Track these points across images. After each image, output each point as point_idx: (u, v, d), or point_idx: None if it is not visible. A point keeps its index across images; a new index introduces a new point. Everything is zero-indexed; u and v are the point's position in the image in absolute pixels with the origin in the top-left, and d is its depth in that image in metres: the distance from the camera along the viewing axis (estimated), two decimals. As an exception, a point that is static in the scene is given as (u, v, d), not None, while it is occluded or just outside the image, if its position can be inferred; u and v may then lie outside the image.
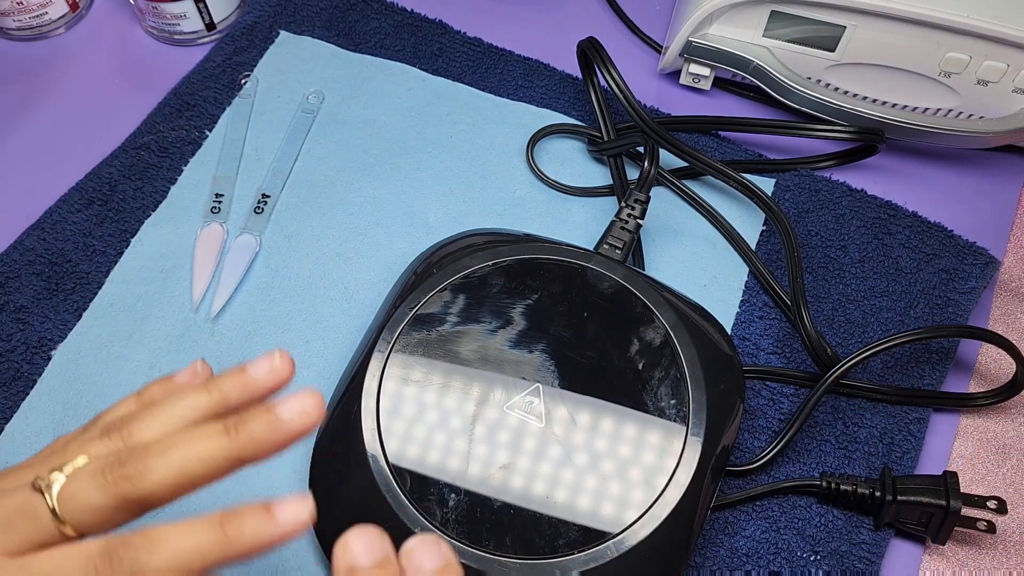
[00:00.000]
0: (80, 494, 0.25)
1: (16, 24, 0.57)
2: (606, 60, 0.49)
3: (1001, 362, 0.47)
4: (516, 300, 0.40)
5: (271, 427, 0.26)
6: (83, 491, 0.25)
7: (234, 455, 0.26)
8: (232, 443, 0.26)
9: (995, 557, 0.41)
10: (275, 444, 0.26)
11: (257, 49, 0.57)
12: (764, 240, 0.50)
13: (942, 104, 0.51)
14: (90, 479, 0.26)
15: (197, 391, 0.28)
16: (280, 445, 0.26)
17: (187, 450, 0.26)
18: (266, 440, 0.26)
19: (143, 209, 0.50)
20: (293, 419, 0.26)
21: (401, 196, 0.51)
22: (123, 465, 0.26)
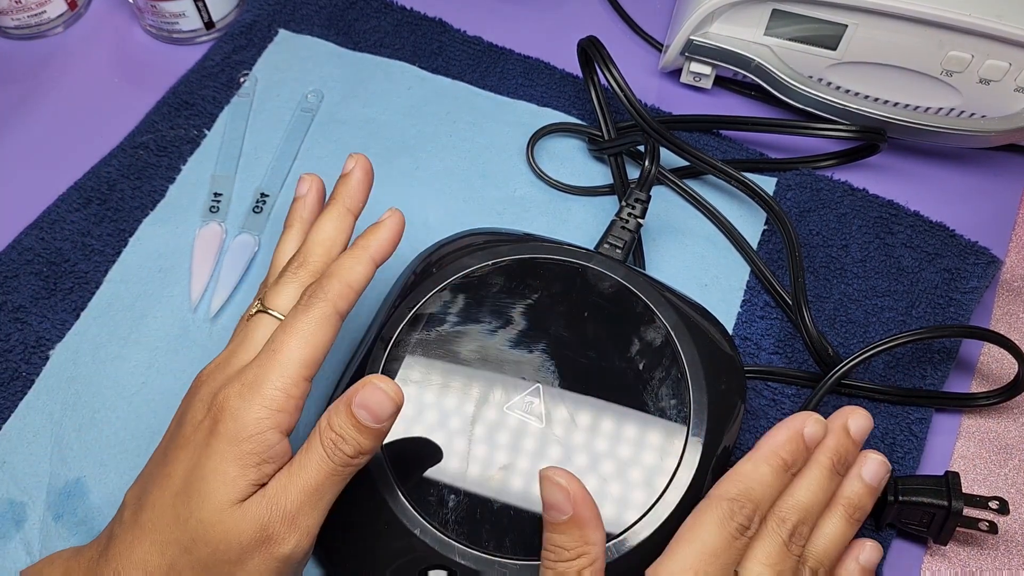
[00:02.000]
0: (278, 297, 0.36)
1: (14, 23, 0.57)
2: (606, 59, 0.49)
3: (1003, 362, 0.47)
4: (516, 300, 0.40)
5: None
6: (279, 294, 0.36)
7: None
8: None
9: (997, 558, 0.41)
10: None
11: (256, 48, 0.56)
12: (765, 240, 0.49)
13: (944, 103, 0.51)
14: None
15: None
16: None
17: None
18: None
19: (141, 208, 0.49)
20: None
21: (400, 195, 0.51)
22: None
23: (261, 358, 0.33)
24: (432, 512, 0.35)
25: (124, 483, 0.41)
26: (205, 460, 0.31)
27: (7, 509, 0.40)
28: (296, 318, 0.33)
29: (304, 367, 0.33)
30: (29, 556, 0.39)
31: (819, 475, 0.35)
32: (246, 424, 0.31)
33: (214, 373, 0.34)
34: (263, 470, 0.31)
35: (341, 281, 0.34)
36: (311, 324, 0.33)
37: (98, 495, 0.40)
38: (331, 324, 0.34)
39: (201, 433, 0.32)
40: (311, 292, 0.34)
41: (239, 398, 0.32)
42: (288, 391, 0.32)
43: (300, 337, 0.33)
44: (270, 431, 0.31)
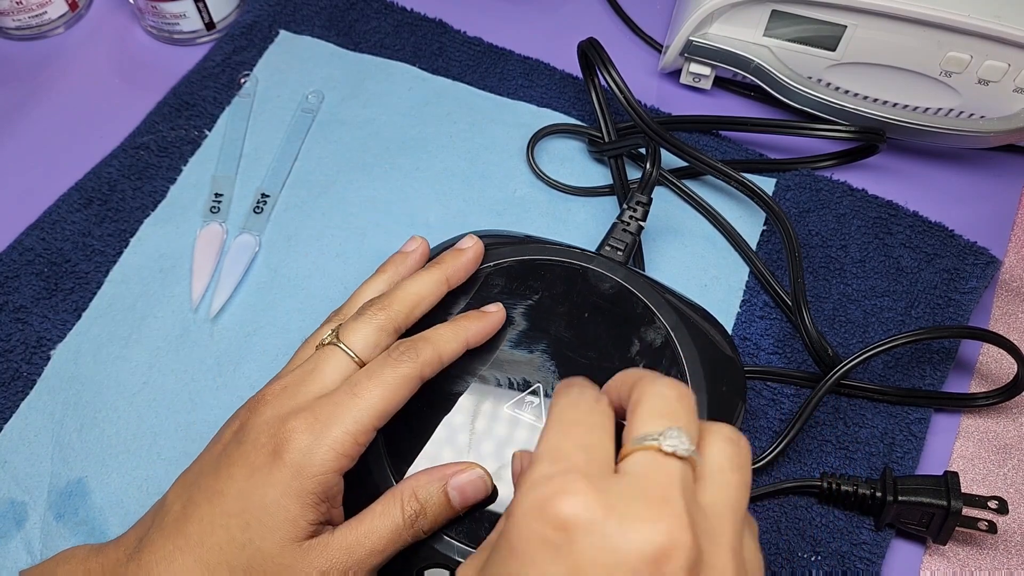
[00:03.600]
0: (354, 334, 0.36)
1: (15, 24, 0.57)
2: (606, 61, 0.49)
3: (1002, 362, 0.47)
4: (517, 301, 0.40)
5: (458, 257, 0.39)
6: (356, 331, 0.36)
7: (443, 278, 0.38)
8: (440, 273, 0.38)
9: (996, 557, 0.41)
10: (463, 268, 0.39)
11: (256, 48, 0.57)
12: (765, 240, 0.50)
13: (943, 104, 0.51)
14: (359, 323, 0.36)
15: None
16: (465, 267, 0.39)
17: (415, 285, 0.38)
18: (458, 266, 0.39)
19: (142, 209, 0.49)
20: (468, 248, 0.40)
21: (401, 196, 0.51)
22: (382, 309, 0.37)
23: (339, 397, 0.33)
24: (433, 512, 0.35)
25: (125, 483, 0.41)
26: (266, 488, 0.31)
27: (8, 509, 0.40)
28: (384, 369, 0.34)
29: (378, 418, 0.33)
30: (30, 556, 0.39)
31: None
32: (312, 463, 0.31)
33: (280, 397, 0.34)
34: (321, 509, 0.32)
35: (436, 350, 0.35)
36: (396, 380, 0.33)
37: (99, 495, 0.41)
38: (412, 386, 0.34)
39: (261, 457, 0.32)
40: (405, 349, 0.34)
41: (309, 433, 0.32)
42: (357, 438, 0.32)
43: (383, 389, 0.33)
44: (333, 473, 0.32)
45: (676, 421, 0.27)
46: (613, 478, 0.26)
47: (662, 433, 0.26)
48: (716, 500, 0.27)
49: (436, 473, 0.33)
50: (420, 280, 0.38)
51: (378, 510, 0.33)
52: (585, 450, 0.27)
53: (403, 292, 0.37)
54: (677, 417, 0.27)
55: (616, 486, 0.25)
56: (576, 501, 0.24)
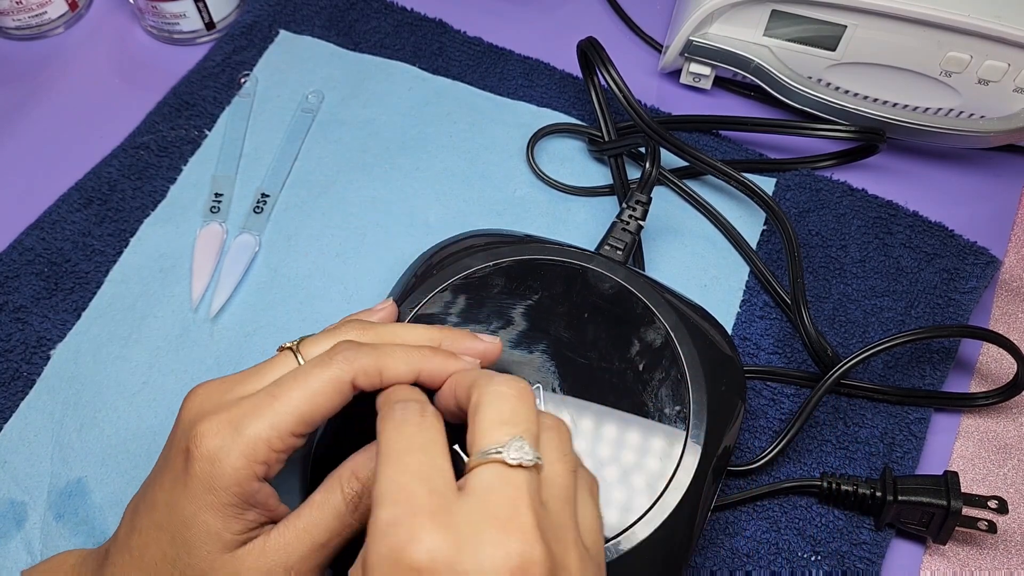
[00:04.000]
0: (315, 345, 0.32)
1: (15, 23, 0.57)
2: (606, 60, 0.49)
3: (1002, 362, 0.47)
4: (516, 301, 0.40)
5: None
6: (318, 342, 0.32)
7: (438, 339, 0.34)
8: None
9: (996, 557, 0.41)
10: None
11: (256, 48, 0.57)
12: (765, 240, 0.50)
13: (943, 104, 0.51)
14: None
15: None
16: None
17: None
18: None
19: (142, 209, 0.49)
20: None
21: (401, 196, 0.51)
22: None
23: (257, 397, 0.30)
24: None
25: (125, 483, 0.41)
26: (184, 502, 0.29)
27: (8, 509, 0.40)
28: (311, 370, 0.30)
29: (297, 424, 0.29)
30: (30, 556, 0.39)
31: None
32: (222, 473, 0.29)
33: (210, 392, 0.31)
34: (247, 518, 0.29)
35: (377, 363, 0.31)
36: (322, 382, 0.30)
37: (99, 495, 0.41)
38: (340, 391, 0.30)
39: (179, 463, 0.30)
40: (341, 349, 0.31)
41: (217, 436, 0.29)
42: (271, 443, 0.29)
43: (305, 391, 0.30)
44: (248, 481, 0.29)
45: (518, 427, 0.27)
46: (459, 503, 0.26)
47: (506, 444, 0.26)
48: (553, 495, 0.27)
49: (376, 448, 0.30)
50: (413, 328, 0.34)
51: (317, 499, 0.30)
52: (423, 480, 0.26)
53: (389, 328, 0.34)
54: (518, 420, 0.27)
55: (463, 511, 0.26)
56: (427, 545, 0.25)
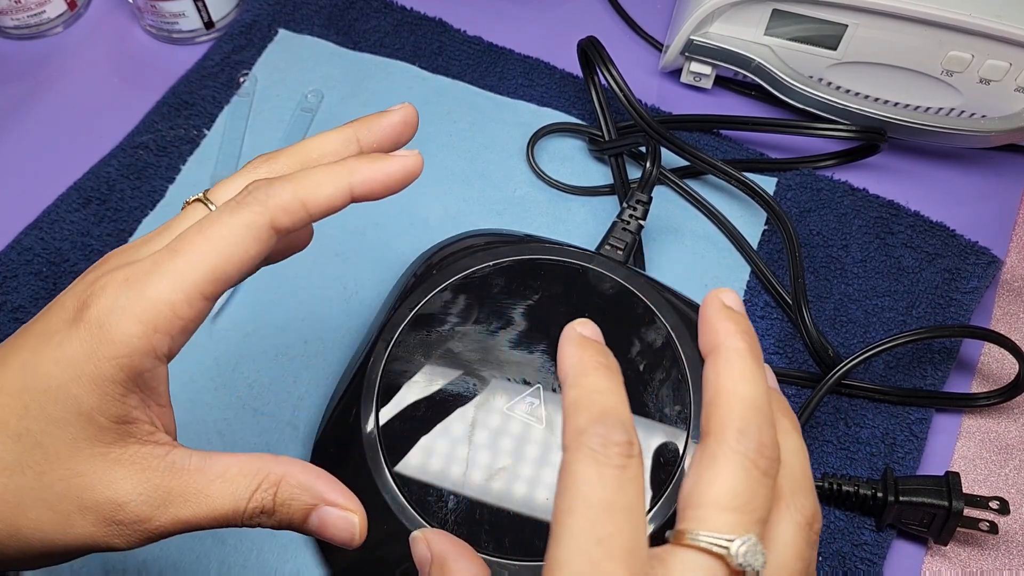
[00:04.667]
0: (224, 188, 0.28)
1: (14, 23, 0.56)
2: (606, 60, 0.49)
3: (1003, 362, 0.47)
4: (517, 301, 0.40)
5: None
6: (227, 185, 0.28)
7: (353, 136, 0.29)
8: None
9: (997, 558, 0.41)
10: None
11: (256, 47, 0.56)
12: (766, 240, 0.49)
13: (944, 103, 0.51)
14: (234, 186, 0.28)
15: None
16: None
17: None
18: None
19: (141, 208, 0.49)
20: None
21: (400, 195, 0.50)
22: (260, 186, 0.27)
23: (159, 254, 0.25)
24: (432, 513, 0.35)
25: (124, 484, 0.41)
26: (51, 366, 0.24)
27: (7, 510, 0.40)
28: (218, 218, 0.26)
29: (207, 281, 0.25)
30: (29, 557, 0.39)
31: (749, 362, 0.24)
32: (111, 338, 0.24)
33: (119, 254, 0.27)
34: (129, 403, 0.25)
35: (296, 192, 0.27)
36: (232, 230, 0.26)
37: (98, 496, 0.40)
38: (258, 238, 0.26)
39: (59, 321, 0.25)
40: (251, 190, 0.26)
41: (114, 294, 0.24)
42: (176, 307, 0.25)
43: (213, 242, 0.25)
44: (142, 354, 0.24)
45: (751, 515, 0.22)
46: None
47: (733, 541, 0.21)
48: None
49: (315, 483, 0.27)
50: (324, 136, 0.30)
51: (232, 472, 0.26)
52: (622, 561, 0.21)
53: (300, 145, 0.29)
54: (754, 508, 0.22)
55: None
56: None
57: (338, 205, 0.28)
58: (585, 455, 0.22)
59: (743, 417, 0.23)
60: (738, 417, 0.23)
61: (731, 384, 0.24)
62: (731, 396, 0.23)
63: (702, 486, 0.22)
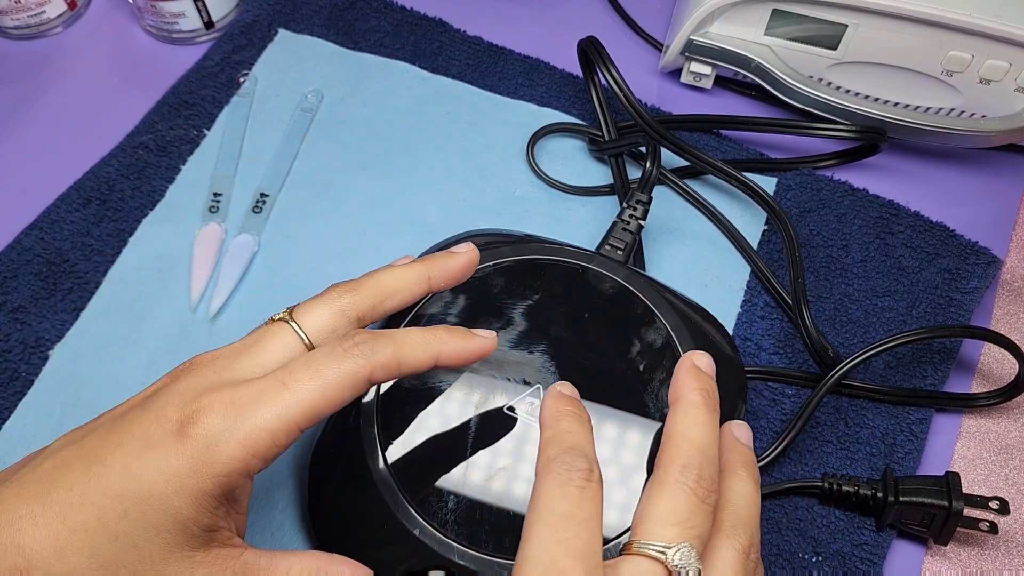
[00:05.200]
0: (309, 313, 0.32)
1: (14, 23, 0.56)
2: (606, 60, 0.49)
3: (1004, 362, 0.46)
4: (517, 301, 0.40)
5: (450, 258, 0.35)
6: (311, 310, 0.32)
7: (425, 275, 0.34)
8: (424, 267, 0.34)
9: (997, 558, 0.41)
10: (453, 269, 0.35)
11: (256, 48, 0.56)
12: (766, 240, 0.49)
13: (944, 103, 0.51)
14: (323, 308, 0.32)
15: None
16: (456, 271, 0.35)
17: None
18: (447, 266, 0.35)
19: (141, 208, 0.49)
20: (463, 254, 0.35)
21: (400, 195, 0.51)
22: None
23: (267, 383, 0.28)
24: (431, 512, 0.35)
25: (124, 484, 0.41)
26: (158, 476, 0.26)
27: (7, 510, 0.40)
28: (327, 361, 0.28)
29: (307, 417, 0.28)
30: (29, 557, 0.39)
31: (702, 412, 0.30)
32: (217, 456, 0.26)
33: (208, 366, 0.29)
34: (218, 514, 0.27)
35: (396, 354, 0.30)
36: (339, 376, 0.28)
37: (98, 496, 0.40)
38: (357, 387, 0.29)
39: (162, 432, 0.27)
40: (360, 341, 0.29)
41: (222, 416, 0.27)
42: (276, 437, 0.27)
43: (320, 384, 0.28)
44: (239, 473, 0.27)
45: (691, 531, 0.26)
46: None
47: (670, 548, 0.26)
48: None
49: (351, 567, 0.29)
50: (398, 270, 0.34)
51: (292, 573, 0.28)
52: (577, 557, 0.25)
53: (375, 279, 0.33)
54: (693, 524, 0.26)
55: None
56: None
57: (424, 369, 0.31)
58: (552, 477, 0.27)
59: (688, 455, 0.28)
60: (685, 455, 0.28)
61: (683, 429, 0.29)
62: (681, 439, 0.29)
63: (649, 507, 0.27)
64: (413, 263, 0.34)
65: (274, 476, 0.41)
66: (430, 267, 0.34)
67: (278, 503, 0.40)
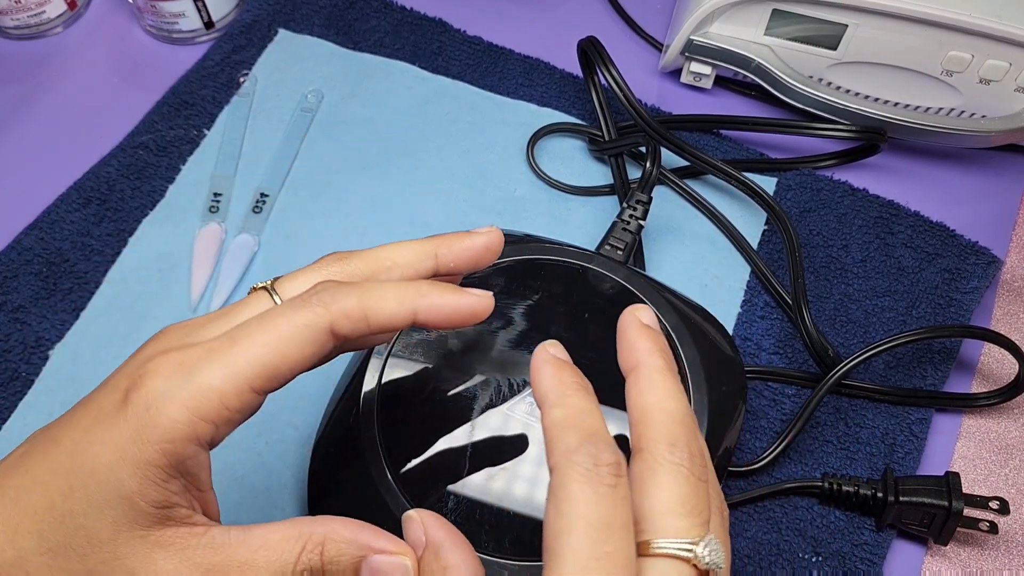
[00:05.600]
0: (292, 281, 0.28)
1: (14, 23, 0.56)
2: (606, 60, 0.49)
3: (1003, 362, 0.46)
4: (517, 301, 0.40)
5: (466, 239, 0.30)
6: (296, 279, 0.29)
7: (432, 252, 0.30)
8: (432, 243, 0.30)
9: (997, 558, 0.41)
10: (469, 252, 0.30)
11: (256, 48, 0.56)
12: (766, 240, 0.49)
13: (944, 103, 0.51)
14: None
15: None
16: (472, 254, 0.30)
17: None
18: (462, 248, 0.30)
19: (141, 208, 0.49)
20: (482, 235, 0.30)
21: (400, 195, 0.51)
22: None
23: (215, 342, 0.25)
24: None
25: (124, 484, 0.41)
26: (99, 448, 0.24)
27: (7, 510, 0.40)
28: (280, 313, 0.26)
29: (258, 376, 0.25)
30: (29, 557, 0.39)
31: (670, 379, 0.26)
32: (157, 422, 0.24)
33: (175, 332, 0.27)
34: (170, 488, 0.24)
35: (360, 301, 0.26)
36: (291, 328, 0.25)
37: (98, 496, 0.40)
38: (314, 340, 0.26)
39: (110, 402, 0.25)
40: (317, 290, 0.27)
41: (166, 377, 0.24)
42: (224, 397, 0.25)
43: (270, 337, 0.25)
44: (185, 440, 0.24)
45: (703, 516, 0.24)
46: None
47: (697, 543, 0.23)
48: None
49: (359, 535, 0.26)
50: (401, 243, 0.30)
51: (273, 539, 0.25)
52: (616, 568, 0.22)
53: (374, 251, 0.30)
54: (703, 510, 0.24)
55: None
56: None
57: (399, 324, 0.27)
58: (579, 474, 0.23)
59: (672, 432, 0.25)
60: (668, 432, 0.25)
61: (657, 402, 0.25)
62: (659, 413, 0.25)
63: (650, 498, 0.24)
64: (422, 239, 0.30)
65: (274, 476, 0.41)
66: (439, 244, 0.30)
67: (278, 503, 0.40)
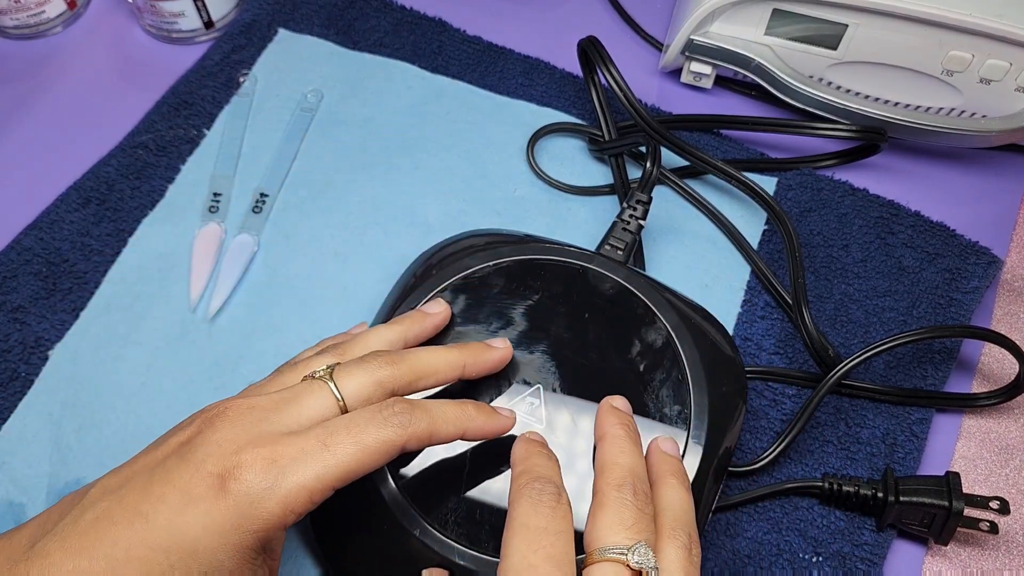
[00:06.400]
0: (350, 378, 0.32)
1: (13, 23, 0.56)
2: (606, 60, 0.49)
3: (1004, 362, 0.46)
4: (517, 301, 0.40)
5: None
6: (352, 375, 0.32)
7: (461, 363, 0.36)
8: None
9: (998, 558, 0.41)
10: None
11: (255, 47, 0.56)
12: (766, 239, 0.49)
13: (945, 103, 0.51)
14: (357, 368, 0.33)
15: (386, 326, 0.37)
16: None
17: None
18: None
19: (141, 208, 0.49)
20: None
21: (400, 195, 0.50)
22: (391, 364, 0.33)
23: (307, 443, 0.29)
24: (431, 513, 0.35)
25: (124, 484, 0.41)
26: (201, 531, 0.27)
27: (7, 510, 0.40)
28: (368, 427, 0.30)
29: (343, 479, 0.29)
30: (28, 557, 0.39)
31: (627, 442, 0.33)
32: (257, 512, 0.28)
33: (244, 417, 0.30)
34: (256, 563, 0.29)
35: (430, 426, 0.31)
36: (376, 442, 0.30)
37: (98, 496, 0.40)
38: (391, 454, 0.30)
39: (203, 486, 0.28)
40: (400, 411, 0.31)
41: (263, 474, 0.28)
42: (314, 495, 0.28)
43: (359, 449, 0.29)
44: (276, 529, 0.28)
45: (640, 534, 0.29)
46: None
47: (629, 548, 0.28)
48: None
49: None
50: (439, 354, 0.35)
51: None
52: (555, 563, 0.28)
53: (417, 358, 0.34)
54: (641, 528, 0.29)
55: None
56: None
57: (449, 441, 0.33)
58: (525, 498, 0.30)
59: (621, 477, 0.31)
60: (618, 477, 0.31)
61: (612, 457, 0.32)
62: (613, 465, 0.31)
63: (597, 523, 0.30)
64: (452, 349, 0.35)
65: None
66: (467, 356, 0.36)
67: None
